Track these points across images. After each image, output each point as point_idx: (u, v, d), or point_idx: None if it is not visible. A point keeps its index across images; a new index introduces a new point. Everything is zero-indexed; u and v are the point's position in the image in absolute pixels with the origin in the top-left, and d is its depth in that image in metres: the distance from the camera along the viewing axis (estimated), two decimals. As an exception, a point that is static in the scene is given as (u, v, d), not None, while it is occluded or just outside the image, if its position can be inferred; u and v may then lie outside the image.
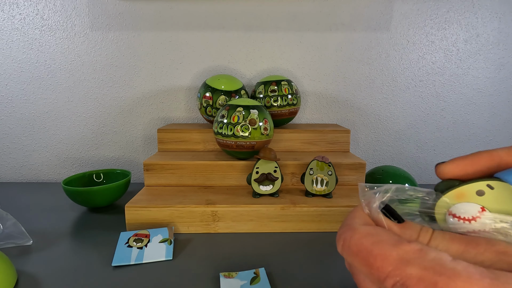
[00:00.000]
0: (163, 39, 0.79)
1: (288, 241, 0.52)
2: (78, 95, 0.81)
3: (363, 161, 0.65)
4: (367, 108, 0.84)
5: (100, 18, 0.78)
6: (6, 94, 0.81)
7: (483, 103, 0.83)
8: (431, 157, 0.86)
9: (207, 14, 0.78)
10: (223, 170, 0.63)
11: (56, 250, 0.49)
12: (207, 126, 0.76)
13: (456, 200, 0.20)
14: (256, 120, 0.60)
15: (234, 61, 0.81)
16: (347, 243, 0.20)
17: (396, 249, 0.17)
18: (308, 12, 0.79)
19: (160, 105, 0.83)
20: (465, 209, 0.20)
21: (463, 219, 0.20)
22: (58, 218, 0.60)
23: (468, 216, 0.19)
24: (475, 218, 0.19)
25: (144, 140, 0.85)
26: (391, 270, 0.17)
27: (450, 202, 0.20)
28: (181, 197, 0.57)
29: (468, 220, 0.19)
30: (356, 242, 0.19)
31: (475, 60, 0.81)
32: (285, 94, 0.71)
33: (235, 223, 0.54)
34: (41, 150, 0.84)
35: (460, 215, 0.20)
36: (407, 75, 0.82)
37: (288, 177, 0.63)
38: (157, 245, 0.48)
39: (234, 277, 0.41)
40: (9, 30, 0.78)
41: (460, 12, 0.78)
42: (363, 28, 0.79)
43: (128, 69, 0.81)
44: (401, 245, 0.18)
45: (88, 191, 0.60)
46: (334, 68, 0.82)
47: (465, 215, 0.20)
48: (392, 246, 0.18)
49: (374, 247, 0.18)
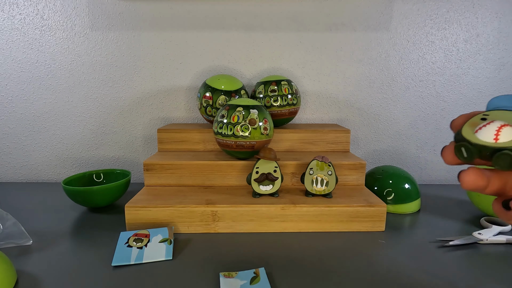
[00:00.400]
0: (163, 39, 0.79)
1: (288, 241, 0.52)
2: (78, 95, 0.81)
3: (363, 161, 0.65)
4: (367, 108, 0.84)
5: (100, 18, 0.78)
6: (6, 94, 0.81)
7: (483, 103, 0.83)
8: (431, 157, 0.86)
9: (207, 14, 0.78)
10: (223, 170, 0.63)
11: (56, 250, 0.49)
12: (207, 126, 0.76)
13: (470, 127, 0.23)
14: (256, 120, 0.60)
15: (234, 61, 0.81)
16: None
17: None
18: (308, 12, 0.79)
19: (160, 105, 0.83)
20: (477, 125, 0.23)
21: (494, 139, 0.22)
22: (58, 218, 0.60)
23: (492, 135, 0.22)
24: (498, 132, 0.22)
25: (144, 140, 0.85)
26: None
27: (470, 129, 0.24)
28: (181, 197, 0.57)
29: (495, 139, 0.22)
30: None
31: (475, 60, 0.81)
32: (285, 94, 0.71)
33: (235, 223, 0.54)
34: (41, 150, 0.84)
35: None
36: (407, 75, 0.82)
37: (288, 177, 0.63)
38: (157, 245, 0.48)
39: (234, 277, 0.41)
40: (9, 30, 0.78)
41: (460, 12, 0.78)
42: (363, 28, 0.79)
43: (128, 69, 0.81)
44: None
45: (88, 191, 0.60)
46: (334, 68, 0.82)
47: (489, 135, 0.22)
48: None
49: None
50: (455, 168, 0.87)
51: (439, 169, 0.87)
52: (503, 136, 0.21)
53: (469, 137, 0.23)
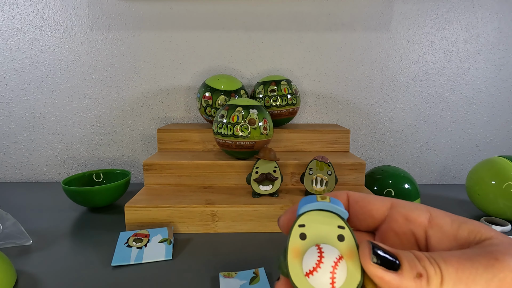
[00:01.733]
0: (163, 39, 0.79)
1: (287, 241, 0.51)
2: (78, 95, 0.81)
3: (363, 161, 0.65)
4: (367, 108, 0.84)
5: (100, 18, 0.78)
6: (6, 94, 0.81)
7: (483, 103, 0.83)
8: (431, 157, 0.86)
9: (207, 14, 0.78)
10: (222, 170, 0.63)
11: (56, 250, 0.49)
12: (207, 126, 0.76)
13: (295, 258, 0.20)
14: (256, 119, 0.60)
15: (234, 61, 0.81)
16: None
17: None
18: (308, 12, 0.79)
19: (160, 105, 0.83)
20: (306, 262, 0.19)
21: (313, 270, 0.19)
22: (58, 218, 0.60)
23: (313, 264, 0.19)
24: (318, 264, 0.19)
25: (144, 140, 0.85)
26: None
27: (291, 263, 0.20)
28: (180, 197, 0.57)
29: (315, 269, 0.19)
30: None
31: (475, 60, 0.81)
32: (285, 94, 0.71)
33: (234, 223, 0.54)
34: (41, 150, 0.84)
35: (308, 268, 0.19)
36: (407, 75, 0.82)
37: (288, 177, 0.63)
38: (156, 245, 0.48)
39: (234, 277, 0.41)
40: (9, 30, 0.78)
41: (460, 12, 0.78)
42: (363, 28, 0.79)
43: (128, 69, 0.81)
44: None
45: (88, 191, 0.60)
46: (334, 68, 0.82)
47: (311, 266, 0.19)
48: None
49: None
50: (455, 168, 0.87)
51: (439, 169, 0.87)
52: (339, 279, 0.18)
53: (301, 284, 0.19)
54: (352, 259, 0.19)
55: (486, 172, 0.60)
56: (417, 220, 0.21)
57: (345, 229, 0.20)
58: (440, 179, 0.87)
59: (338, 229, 0.20)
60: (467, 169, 0.87)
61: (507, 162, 0.58)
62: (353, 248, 0.19)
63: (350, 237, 0.20)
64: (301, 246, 0.20)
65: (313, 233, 0.20)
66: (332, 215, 0.21)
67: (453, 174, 0.87)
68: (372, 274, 0.18)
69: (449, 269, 0.17)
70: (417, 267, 0.17)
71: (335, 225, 0.20)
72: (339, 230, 0.20)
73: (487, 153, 0.86)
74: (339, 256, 0.19)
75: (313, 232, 0.20)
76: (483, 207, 0.61)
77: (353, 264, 0.19)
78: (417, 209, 0.21)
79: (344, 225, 0.20)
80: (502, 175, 0.57)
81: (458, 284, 0.16)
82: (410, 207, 0.21)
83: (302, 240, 0.20)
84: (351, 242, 0.20)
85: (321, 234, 0.20)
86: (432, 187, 0.81)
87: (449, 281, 0.17)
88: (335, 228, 0.20)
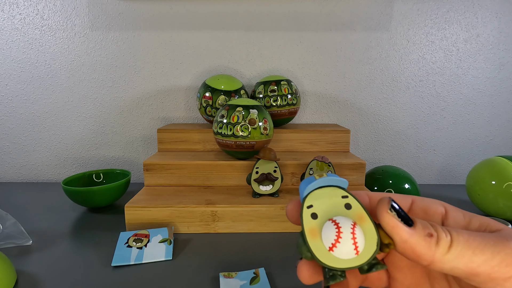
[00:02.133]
0: (163, 39, 0.79)
1: (288, 241, 0.51)
2: (78, 95, 0.81)
3: (363, 161, 0.65)
4: (367, 108, 0.84)
5: (100, 18, 0.78)
6: (6, 94, 0.81)
7: (483, 103, 0.83)
8: (431, 157, 0.86)
9: (207, 14, 0.78)
10: (222, 170, 0.63)
11: (56, 250, 0.49)
12: (207, 126, 0.76)
13: (314, 237, 0.20)
14: (256, 119, 0.59)
15: (234, 61, 0.81)
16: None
17: None
18: (308, 12, 0.79)
19: (160, 105, 0.83)
20: (326, 237, 0.20)
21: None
22: (58, 218, 0.60)
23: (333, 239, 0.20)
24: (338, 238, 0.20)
25: (144, 140, 0.85)
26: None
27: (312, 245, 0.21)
28: (181, 197, 0.57)
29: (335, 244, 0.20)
30: None
31: (475, 60, 0.81)
32: (285, 94, 0.71)
33: (235, 223, 0.54)
34: (41, 150, 0.84)
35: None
36: (407, 75, 0.82)
37: (288, 177, 0.63)
38: (156, 245, 0.48)
39: (234, 277, 0.41)
40: (9, 30, 0.78)
41: (460, 12, 0.78)
42: (363, 28, 0.79)
43: (128, 69, 0.81)
44: None
45: (88, 191, 0.60)
46: (334, 68, 0.82)
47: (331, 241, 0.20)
48: None
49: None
50: (455, 168, 0.87)
51: (439, 169, 0.87)
52: (360, 243, 0.19)
53: (329, 260, 0.19)
54: (364, 222, 0.20)
55: (486, 172, 0.60)
56: (436, 212, 0.22)
57: (349, 197, 0.21)
58: (440, 179, 0.87)
59: (343, 199, 0.21)
60: (467, 169, 0.87)
61: (507, 162, 0.58)
62: (362, 212, 0.21)
63: (355, 203, 0.21)
64: (315, 225, 0.21)
65: (322, 210, 0.21)
66: (334, 188, 0.22)
67: (453, 174, 0.87)
68: (386, 222, 0.19)
69: (460, 237, 0.18)
70: (429, 228, 0.19)
71: (339, 196, 0.22)
72: (344, 199, 0.21)
73: (487, 153, 0.86)
74: (353, 223, 0.20)
75: (322, 209, 0.21)
76: (483, 207, 0.61)
77: (367, 226, 0.20)
78: (434, 203, 0.22)
79: (347, 194, 0.22)
80: (502, 175, 0.57)
81: (466, 250, 0.18)
82: (428, 201, 0.23)
83: (314, 219, 0.21)
84: (359, 207, 0.21)
85: (329, 209, 0.21)
86: (432, 187, 0.81)
87: (457, 245, 0.18)
88: (340, 199, 0.21)
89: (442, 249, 0.18)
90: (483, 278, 0.18)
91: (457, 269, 0.18)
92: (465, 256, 0.18)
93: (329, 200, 0.21)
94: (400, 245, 0.19)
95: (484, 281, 0.18)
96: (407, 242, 0.19)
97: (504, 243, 0.18)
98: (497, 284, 0.18)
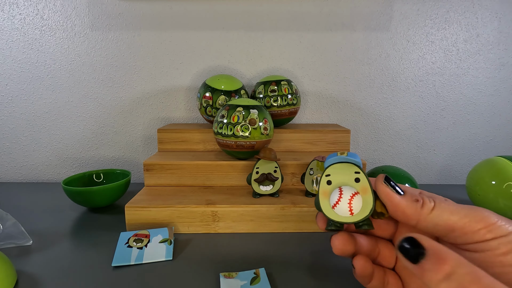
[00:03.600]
0: (163, 39, 0.79)
1: (288, 241, 0.52)
2: (78, 95, 0.81)
3: (363, 161, 0.65)
4: (367, 108, 0.84)
5: (100, 18, 0.78)
6: (6, 94, 0.81)
7: (483, 103, 0.83)
8: (431, 157, 0.86)
9: (207, 14, 0.78)
10: (223, 170, 0.63)
11: (56, 250, 0.49)
12: (207, 126, 0.76)
13: (325, 198, 0.28)
14: (256, 120, 0.59)
15: (234, 61, 0.81)
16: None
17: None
18: (308, 12, 0.79)
19: (160, 105, 0.83)
20: (332, 198, 0.28)
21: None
22: (58, 218, 0.60)
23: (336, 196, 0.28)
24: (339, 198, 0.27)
25: (144, 140, 0.85)
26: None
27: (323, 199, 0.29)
28: (181, 197, 0.57)
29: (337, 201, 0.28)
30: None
31: (475, 60, 0.81)
32: (285, 94, 0.71)
33: (235, 223, 0.54)
34: (41, 150, 0.84)
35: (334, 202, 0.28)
36: (407, 75, 0.82)
37: (288, 177, 0.63)
38: (157, 245, 0.48)
39: (234, 277, 0.41)
40: (9, 30, 0.78)
41: (460, 12, 0.78)
42: (363, 28, 0.79)
43: (128, 69, 0.81)
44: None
45: (88, 191, 0.60)
46: (334, 68, 0.82)
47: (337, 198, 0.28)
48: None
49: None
50: (455, 168, 0.87)
51: (439, 169, 0.87)
52: (355, 207, 0.27)
53: (330, 214, 0.28)
54: (366, 194, 0.27)
55: (486, 172, 0.60)
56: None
57: (360, 174, 0.28)
58: (440, 179, 0.88)
59: (355, 174, 0.28)
60: (467, 169, 0.87)
61: (507, 162, 0.58)
62: (366, 186, 0.28)
63: (364, 179, 0.28)
64: (328, 189, 0.28)
65: (336, 179, 0.28)
66: (350, 165, 0.29)
67: (453, 174, 0.87)
68: (381, 190, 0.26)
69: (442, 204, 0.24)
70: (416, 196, 0.25)
71: (352, 171, 0.28)
72: (356, 175, 0.28)
73: (487, 153, 0.86)
74: (355, 192, 0.27)
75: (336, 179, 0.28)
76: (484, 207, 0.61)
77: (367, 197, 0.27)
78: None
79: (360, 171, 0.28)
80: (502, 175, 0.57)
81: (445, 212, 0.24)
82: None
83: (328, 185, 0.29)
84: (365, 182, 0.28)
85: (342, 180, 0.28)
86: (432, 187, 0.81)
87: (439, 208, 0.24)
88: (352, 174, 0.28)
89: (426, 210, 0.24)
90: (458, 233, 0.23)
91: (438, 226, 0.24)
92: (444, 216, 0.23)
93: (343, 173, 0.28)
94: (392, 208, 0.25)
95: (459, 235, 0.23)
96: (398, 206, 0.25)
97: (475, 209, 0.24)
98: (468, 237, 0.23)
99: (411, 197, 0.25)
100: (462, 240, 0.23)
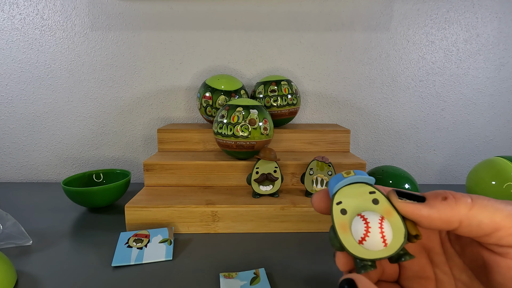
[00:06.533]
0: (163, 39, 0.79)
1: (288, 241, 0.52)
2: (78, 95, 0.81)
3: (363, 161, 0.65)
4: (367, 108, 0.84)
5: (100, 18, 0.78)
6: (6, 94, 0.81)
7: (483, 103, 0.83)
8: (431, 157, 0.86)
9: (207, 14, 0.78)
10: (223, 170, 0.63)
11: (56, 250, 0.49)
12: (207, 126, 0.76)
13: (344, 232, 0.22)
14: (256, 120, 0.59)
15: (234, 61, 0.81)
16: None
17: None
18: (308, 12, 0.79)
19: (160, 105, 0.83)
20: (356, 231, 0.21)
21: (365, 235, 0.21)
22: (58, 218, 0.60)
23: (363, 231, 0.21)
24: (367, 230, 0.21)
25: (144, 140, 0.85)
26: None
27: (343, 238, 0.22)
28: (181, 197, 0.57)
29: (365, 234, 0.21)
30: None
31: (475, 60, 0.81)
32: (285, 94, 0.71)
33: (235, 223, 0.54)
34: (41, 150, 0.84)
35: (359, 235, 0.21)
36: (407, 75, 0.82)
37: (288, 177, 0.63)
38: (157, 245, 0.48)
39: (234, 277, 0.41)
40: (9, 30, 0.78)
41: (460, 12, 0.78)
42: (363, 28, 0.79)
43: (128, 69, 0.81)
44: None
45: (88, 191, 0.60)
46: (334, 68, 0.82)
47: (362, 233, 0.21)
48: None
49: None
50: (455, 168, 0.87)
51: (439, 169, 0.87)
52: (388, 235, 0.21)
53: (359, 252, 0.21)
54: (391, 215, 0.21)
55: (486, 172, 0.60)
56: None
57: (376, 193, 0.23)
58: (440, 179, 0.87)
59: (370, 194, 0.23)
60: (467, 169, 0.87)
61: (507, 162, 0.58)
62: (388, 206, 0.22)
63: (382, 198, 0.22)
64: (345, 220, 0.22)
65: (351, 205, 0.22)
66: (361, 185, 0.23)
67: (453, 174, 0.87)
68: (403, 209, 0.21)
69: (479, 199, 0.20)
70: (440, 193, 0.20)
71: (366, 192, 0.23)
72: (371, 195, 0.22)
73: (487, 153, 0.86)
74: (381, 217, 0.21)
75: (351, 205, 0.22)
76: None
77: (394, 218, 0.21)
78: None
79: (374, 190, 0.23)
80: (502, 176, 0.57)
81: (486, 206, 0.19)
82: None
83: (344, 215, 0.22)
84: (385, 202, 0.22)
85: (358, 205, 0.22)
86: (432, 187, 0.81)
87: (479, 204, 0.19)
88: (367, 195, 0.23)
89: (464, 205, 0.19)
90: (504, 232, 0.19)
91: (483, 225, 0.19)
92: (489, 211, 0.19)
93: (357, 197, 0.23)
94: (426, 222, 0.20)
95: (505, 235, 0.19)
96: (431, 216, 0.20)
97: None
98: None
99: (435, 197, 0.20)
100: (506, 242, 0.19)
